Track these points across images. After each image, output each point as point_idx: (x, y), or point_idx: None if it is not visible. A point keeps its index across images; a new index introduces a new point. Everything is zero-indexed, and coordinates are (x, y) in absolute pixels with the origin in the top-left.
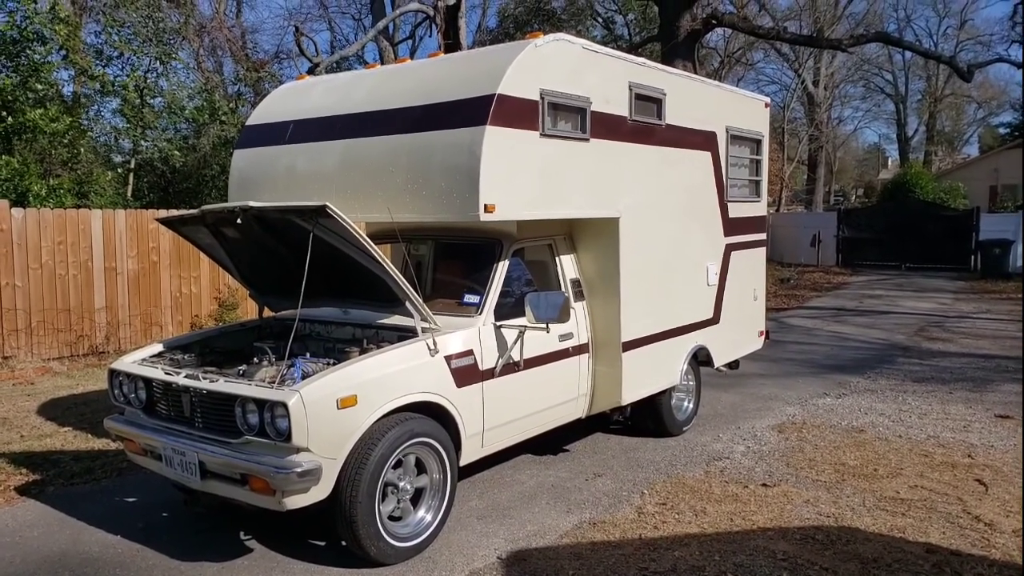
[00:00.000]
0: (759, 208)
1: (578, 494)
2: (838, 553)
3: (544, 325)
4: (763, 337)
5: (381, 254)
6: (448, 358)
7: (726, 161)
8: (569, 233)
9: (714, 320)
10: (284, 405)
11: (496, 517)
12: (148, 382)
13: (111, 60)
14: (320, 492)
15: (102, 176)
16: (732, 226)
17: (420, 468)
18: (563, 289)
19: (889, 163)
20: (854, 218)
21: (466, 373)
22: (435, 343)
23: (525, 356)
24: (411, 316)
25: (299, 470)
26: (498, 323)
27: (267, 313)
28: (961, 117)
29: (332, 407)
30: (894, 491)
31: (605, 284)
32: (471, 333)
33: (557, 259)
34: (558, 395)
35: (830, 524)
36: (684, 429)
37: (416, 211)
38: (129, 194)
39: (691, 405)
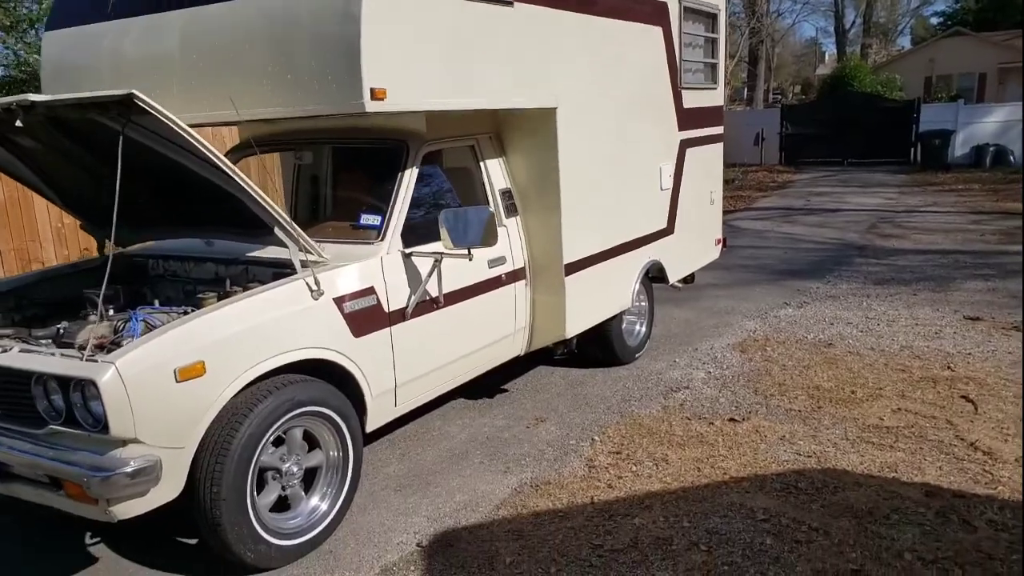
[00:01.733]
0: (716, 96)
1: (518, 447)
2: (827, 506)
3: (466, 250)
4: (720, 245)
5: (225, 160)
6: (339, 300)
7: (679, 39)
8: (496, 131)
9: (668, 230)
10: (93, 383)
11: (418, 486)
12: None
13: None
14: (165, 493)
15: None
16: (687, 118)
17: (313, 442)
18: (489, 202)
19: (827, 58)
20: (796, 114)
21: (366, 317)
22: (317, 282)
23: (446, 290)
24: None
25: (127, 470)
26: (407, 250)
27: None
28: (896, 7)
29: (167, 380)
30: (877, 418)
31: (542, 194)
32: (370, 265)
33: (482, 165)
34: (490, 333)
35: (812, 467)
36: (636, 356)
37: (281, 103)
38: None
39: (644, 328)
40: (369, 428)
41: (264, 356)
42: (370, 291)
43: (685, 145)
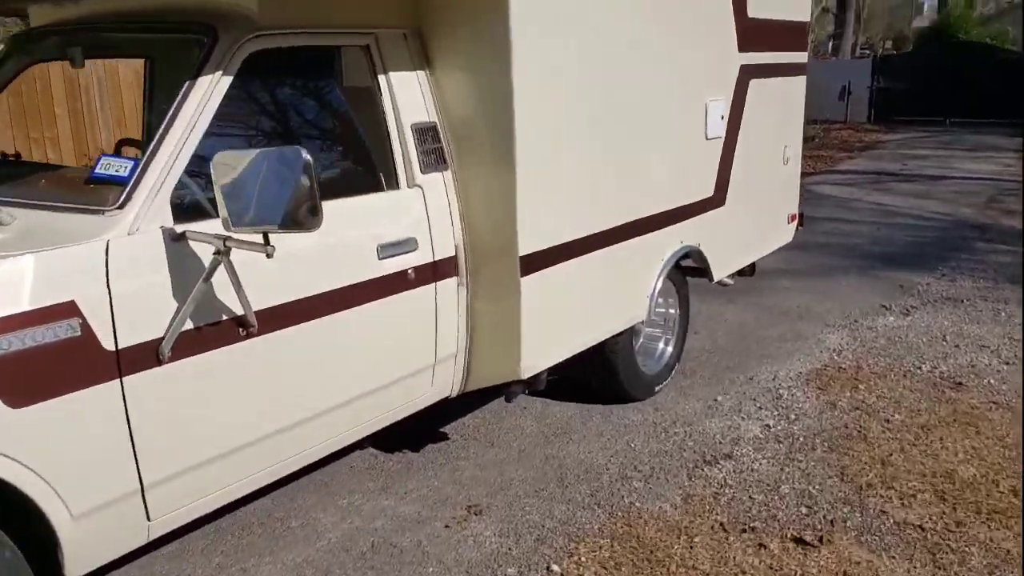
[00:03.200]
0: (799, 7)
1: (416, 572)
2: None
3: (259, 236)
4: (795, 223)
5: None
6: None
7: None
8: (415, 25)
9: (716, 200)
10: None
11: None
12: None
13: None
14: None
15: None
16: (753, 34)
17: None
18: (394, 145)
19: (924, 9)
20: (891, 66)
21: (50, 365)
22: None
23: (278, 300)
24: None
25: None
26: (180, 228)
27: None
28: None
29: None
30: None
31: (487, 135)
32: (71, 259)
33: (383, 81)
34: (381, 370)
35: None
36: (657, 389)
37: None
38: None
39: (671, 347)
40: (78, 572)
41: None
42: (65, 312)
43: (748, 74)
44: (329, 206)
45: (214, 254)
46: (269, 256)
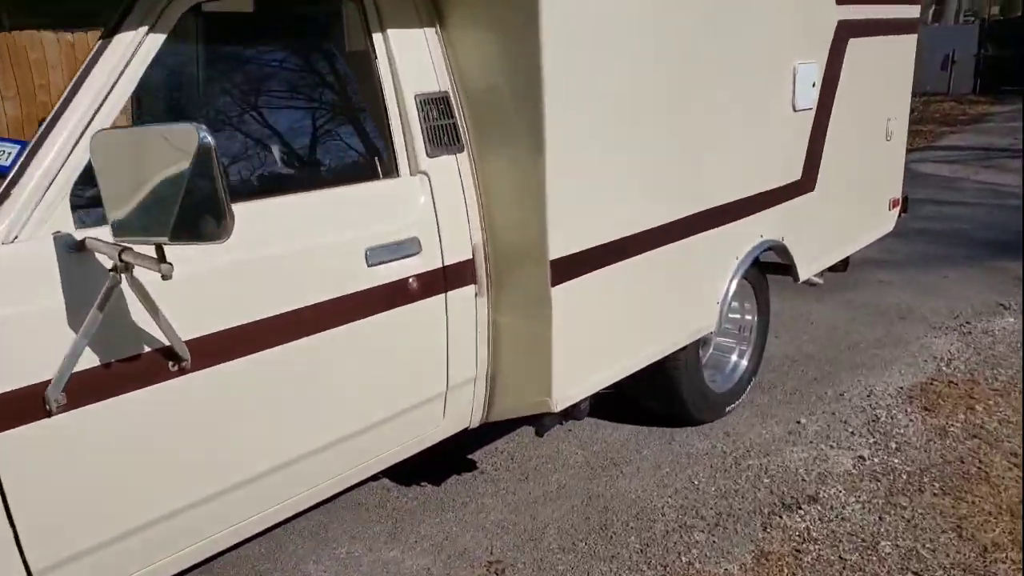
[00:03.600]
0: None
1: None
2: None
3: (154, 250)
4: (897, 208)
5: None
6: None
7: None
8: None
9: (805, 185)
10: None
11: None
12: None
13: None
14: None
15: None
16: None
17: None
18: (389, 122)
19: None
20: (1001, 31)
21: None
22: None
23: (240, 318)
24: None
25: None
26: (81, 233)
27: None
28: None
29: None
30: None
31: (512, 107)
32: None
33: (379, 42)
34: (370, 405)
35: None
36: (728, 409)
37: None
38: None
39: (745, 361)
40: None
41: None
42: None
43: (847, 32)
44: (298, 200)
45: (110, 271)
46: (165, 277)
